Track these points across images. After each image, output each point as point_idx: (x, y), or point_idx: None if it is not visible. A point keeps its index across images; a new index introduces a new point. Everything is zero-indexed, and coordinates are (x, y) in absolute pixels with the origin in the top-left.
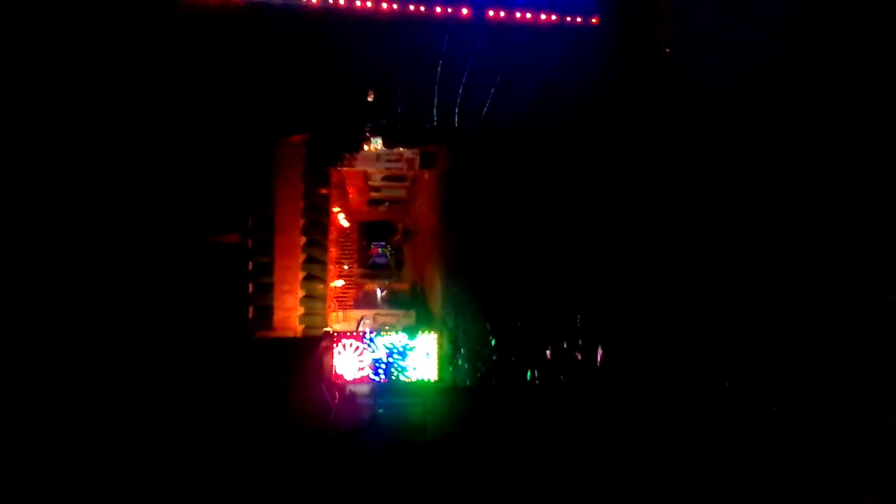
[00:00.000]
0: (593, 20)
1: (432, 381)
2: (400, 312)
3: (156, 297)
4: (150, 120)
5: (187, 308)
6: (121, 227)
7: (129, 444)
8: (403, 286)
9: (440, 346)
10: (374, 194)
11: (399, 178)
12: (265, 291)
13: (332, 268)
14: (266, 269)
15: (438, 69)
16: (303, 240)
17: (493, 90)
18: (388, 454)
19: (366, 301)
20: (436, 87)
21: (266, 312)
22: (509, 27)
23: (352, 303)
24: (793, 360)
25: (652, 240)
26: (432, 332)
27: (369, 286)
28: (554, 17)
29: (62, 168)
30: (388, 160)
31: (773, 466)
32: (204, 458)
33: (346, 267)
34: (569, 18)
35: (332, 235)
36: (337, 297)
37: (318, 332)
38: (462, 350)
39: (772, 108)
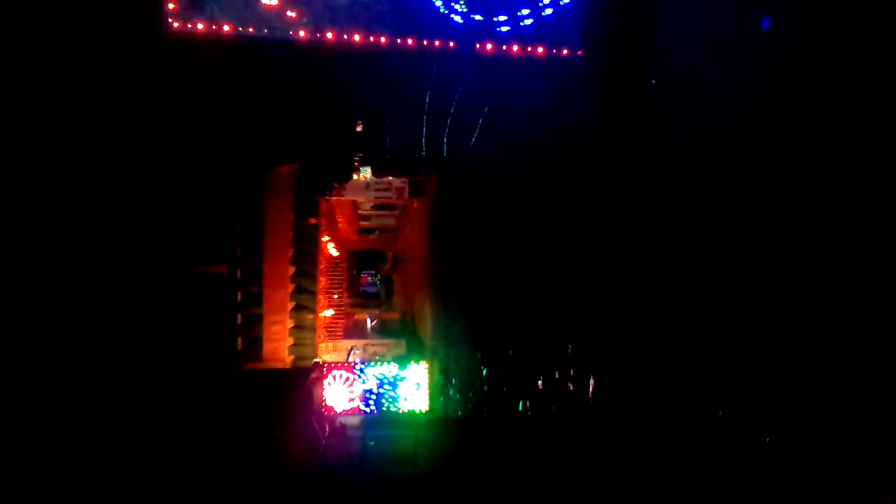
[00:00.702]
0: (579, 53)
1: (423, 411)
2: (390, 342)
3: (144, 329)
4: (139, 151)
5: (176, 339)
6: (109, 258)
7: (118, 475)
8: (394, 315)
9: (431, 376)
10: (363, 223)
11: (388, 207)
12: (254, 322)
13: (321, 298)
14: (255, 300)
15: (427, 100)
16: (292, 270)
17: (480, 120)
18: (378, 487)
19: (356, 331)
20: (424, 118)
21: (255, 343)
22: (497, 60)
23: (342, 333)
24: (783, 396)
25: (642, 269)
26: (423, 362)
27: (359, 316)
28: (541, 51)
29: (50, 198)
30: (378, 189)
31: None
32: (193, 491)
33: (335, 296)
34: (555, 51)
35: (322, 265)
36: (327, 327)
37: (307, 363)
38: (453, 380)
39: (757, 135)
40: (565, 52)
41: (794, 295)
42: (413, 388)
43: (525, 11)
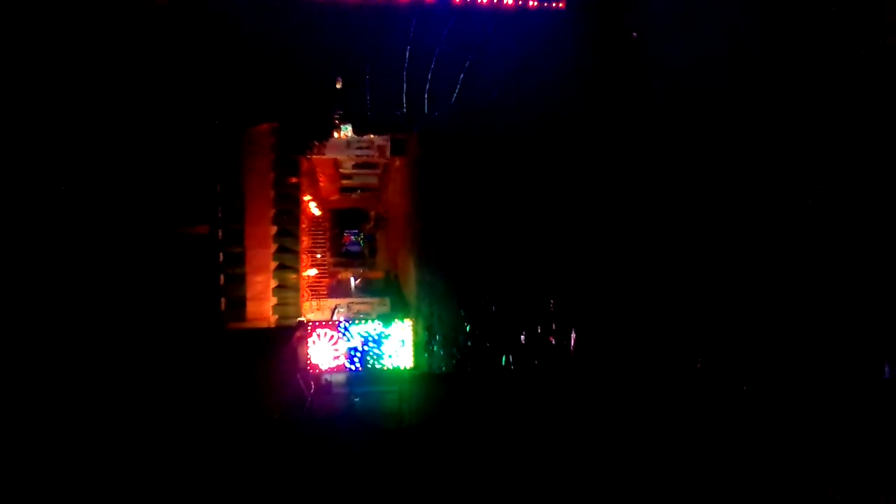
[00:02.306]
0: (561, 4)
1: (408, 368)
2: (374, 300)
3: (125, 291)
4: (114, 111)
5: (158, 301)
6: (87, 220)
7: (99, 438)
8: (377, 274)
9: (415, 334)
10: (345, 182)
11: (370, 166)
12: (237, 282)
13: (304, 257)
14: (237, 260)
15: (406, 55)
16: (274, 229)
17: (461, 76)
18: (364, 442)
19: (340, 290)
20: (404, 74)
21: (239, 303)
22: (477, 12)
23: (326, 292)
24: (764, 344)
25: (624, 224)
26: (407, 320)
27: (343, 275)
28: (522, 2)
29: (22, 159)
30: (359, 147)
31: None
32: (178, 450)
33: (318, 256)
34: (537, 3)
35: (304, 224)
36: (310, 286)
37: (292, 322)
38: (437, 337)
39: (741, 92)
40: (548, 3)
41: (783, 267)
42: (397, 346)
43: None
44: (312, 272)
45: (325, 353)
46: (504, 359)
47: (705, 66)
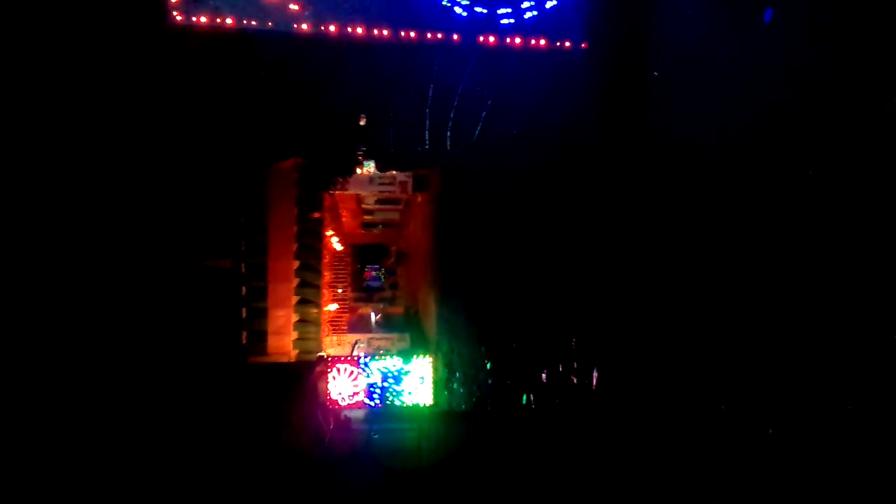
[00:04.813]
0: (583, 45)
1: (427, 405)
2: (394, 336)
3: (148, 323)
4: (141, 145)
5: (181, 334)
6: (113, 253)
7: (120, 471)
8: (398, 309)
9: (435, 370)
10: (367, 217)
11: (392, 202)
12: (259, 316)
13: (325, 292)
14: (260, 294)
15: (430, 93)
16: (296, 264)
17: (484, 114)
18: (382, 480)
19: (360, 325)
20: (427, 111)
21: (260, 337)
22: (500, 52)
23: (346, 327)
24: (785, 393)
25: (645, 263)
26: (427, 356)
27: (363, 310)
28: (544, 43)
29: (53, 194)
30: (381, 183)
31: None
32: (197, 485)
33: (339, 290)
34: (558, 43)
35: (326, 259)
36: (331, 321)
37: (312, 357)
38: (457, 374)
39: (757, 127)
40: (569, 44)
41: (797, 289)
42: (417, 382)
43: (528, 3)
44: (333, 307)
45: (344, 388)
46: (525, 397)
47: (724, 107)
